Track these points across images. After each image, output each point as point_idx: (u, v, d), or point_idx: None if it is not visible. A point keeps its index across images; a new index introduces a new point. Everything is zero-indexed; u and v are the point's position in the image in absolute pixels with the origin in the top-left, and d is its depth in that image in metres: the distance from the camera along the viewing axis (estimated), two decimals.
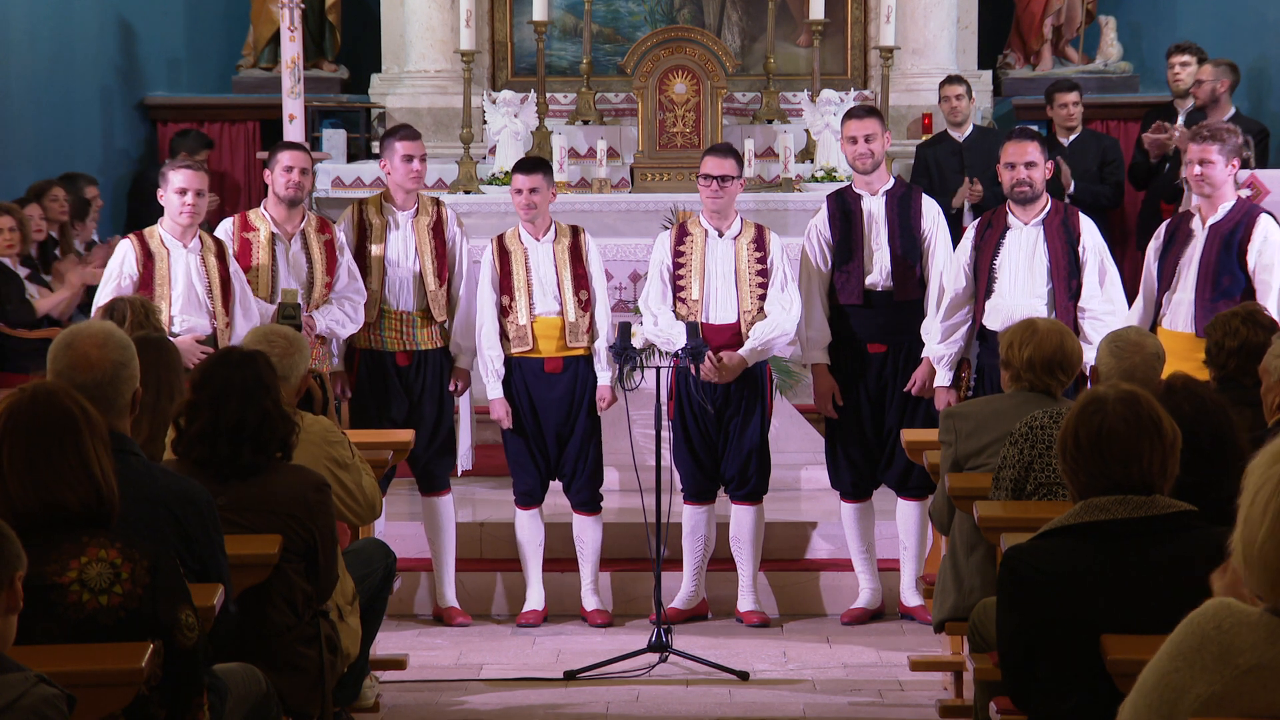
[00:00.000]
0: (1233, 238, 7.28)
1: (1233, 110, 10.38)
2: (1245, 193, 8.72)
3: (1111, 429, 3.88)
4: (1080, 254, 7.42)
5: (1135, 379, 5.35)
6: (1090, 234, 7.47)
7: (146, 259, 7.45)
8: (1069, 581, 3.81)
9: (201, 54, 12.92)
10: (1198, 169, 7.37)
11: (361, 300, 7.82)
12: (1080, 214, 7.57)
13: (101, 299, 7.31)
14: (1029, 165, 7.43)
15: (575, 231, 7.93)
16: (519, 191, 7.78)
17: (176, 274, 7.45)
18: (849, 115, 7.95)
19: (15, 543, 3.15)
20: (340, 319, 7.76)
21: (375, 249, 7.90)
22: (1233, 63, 10.50)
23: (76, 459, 3.86)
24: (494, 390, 7.81)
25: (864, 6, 12.08)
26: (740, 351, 7.64)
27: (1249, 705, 2.49)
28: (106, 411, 4.15)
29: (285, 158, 7.88)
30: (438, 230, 7.99)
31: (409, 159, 7.91)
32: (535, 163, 7.96)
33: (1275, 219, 7.54)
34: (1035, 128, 11.61)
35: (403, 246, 7.93)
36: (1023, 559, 3.90)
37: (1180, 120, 10.63)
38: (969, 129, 10.91)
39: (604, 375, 7.84)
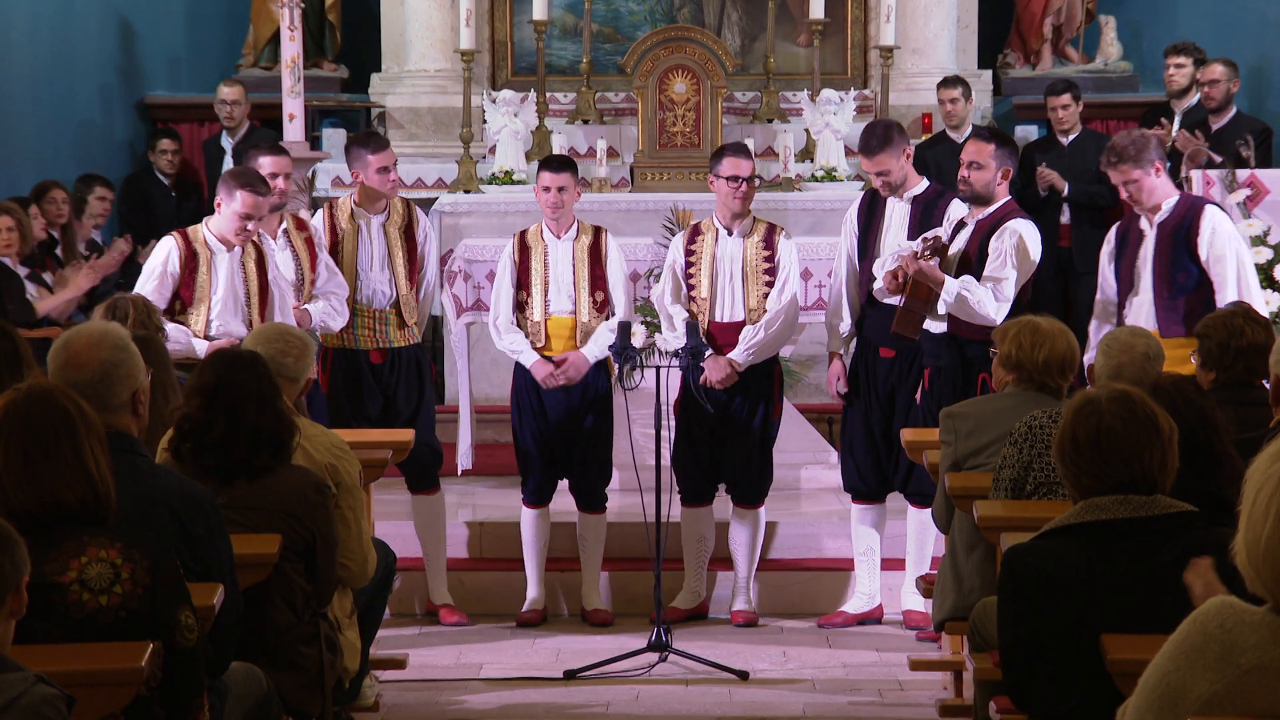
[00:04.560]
0: (1180, 232, 7.23)
1: (1234, 110, 10.38)
2: (1245, 192, 8.72)
3: (1110, 429, 3.88)
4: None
5: (1123, 378, 5.36)
6: (1000, 236, 7.26)
7: (190, 258, 7.32)
8: (1070, 581, 3.81)
9: (202, 53, 12.92)
10: (1125, 193, 7.33)
11: (344, 294, 7.76)
12: (1018, 218, 7.29)
13: (150, 292, 7.17)
14: (970, 165, 7.38)
15: (597, 232, 7.91)
16: (546, 189, 7.75)
17: (219, 277, 7.32)
18: (862, 151, 7.70)
19: (23, 549, 3.14)
20: (330, 312, 7.70)
21: (347, 252, 7.86)
22: (1234, 63, 10.51)
23: (73, 457, 3.86)
24: (529, 357, 7.75)
25: (864, 6, 12.08)
26: (731, 355, 7.63)
27: (1250, 705, 2.49)
28: (101, 410, 4.14)
29: (267, 164, 7.75)
30: (409, 232, 7.96)
31: (384, 170, 7.84)
32: (563, 161, 7.93)
33: (1222, 209, 7.46)
34: (1036, 128, 11.68)
35: (375, 250, 7.89)
36: (1023, 558, 3.90)
37: (1177, 120, 10.63)
38: (968, 130, 10.89)
39: (588, 349, 7.76)
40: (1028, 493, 5.37)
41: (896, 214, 7.68)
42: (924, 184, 7.75)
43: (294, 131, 9.84)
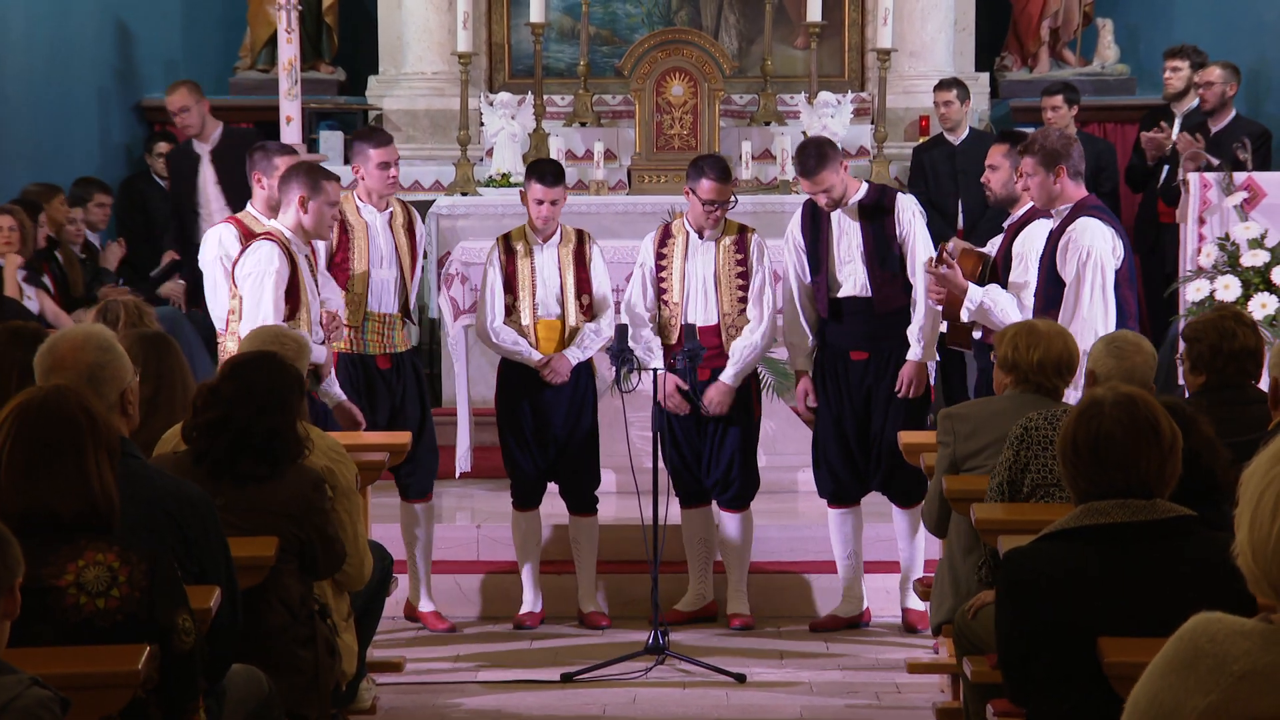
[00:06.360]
0: (1055, 242, 7.13)
1: (1233, 114, 10.37)
2: (1243, 195, 8.70)
3: (1109, 434, 3.87)
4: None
5: (1135, 380, 5.36)
6: (1022, 240, 7.27)
7: (292, 262, 7.08)
8: (1068, 584, 3.81)
9: (198, 56, 12.91)
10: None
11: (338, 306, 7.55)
12: (1036, 221, 7.24)
13: (275, 300, 6.93)
14: (988, 168, 7.39)
15: (580, 236, 7.90)
16: (540, 202, 7.73)
17: (309, 280, 7.17)
18: (801, 174, 7.62)
19: (16, 549, 3.14)
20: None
21: (358, 251, 7.79)
22: (1235, 66, 10.50)
23: (74, 470, 3.86)
24: (531, 354, 7.74)
25: (861, 9, 12.07)
26: (723, 378, 7.64)
27: (1244, 711, 2.48)
28: None
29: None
30: (411, 231, 7.91)
31: (385, 165, 7.78)
32: (557, 174, 7.84)
33: (1104, 218, 7.04)
34: (1032, 130, 11.65)
35: (385, 248, 7.83)
36: (1022, 562, 3.90)
37: (1177, 123, 10.63)
38: (965, 132, 10.90)
39: (573, 353, 7.77)
40: (1024, 495, 5.37)
41: (844, 222, 7.66)
42: (864, 188, 7.71)
43: (291, 134, 9.83)
